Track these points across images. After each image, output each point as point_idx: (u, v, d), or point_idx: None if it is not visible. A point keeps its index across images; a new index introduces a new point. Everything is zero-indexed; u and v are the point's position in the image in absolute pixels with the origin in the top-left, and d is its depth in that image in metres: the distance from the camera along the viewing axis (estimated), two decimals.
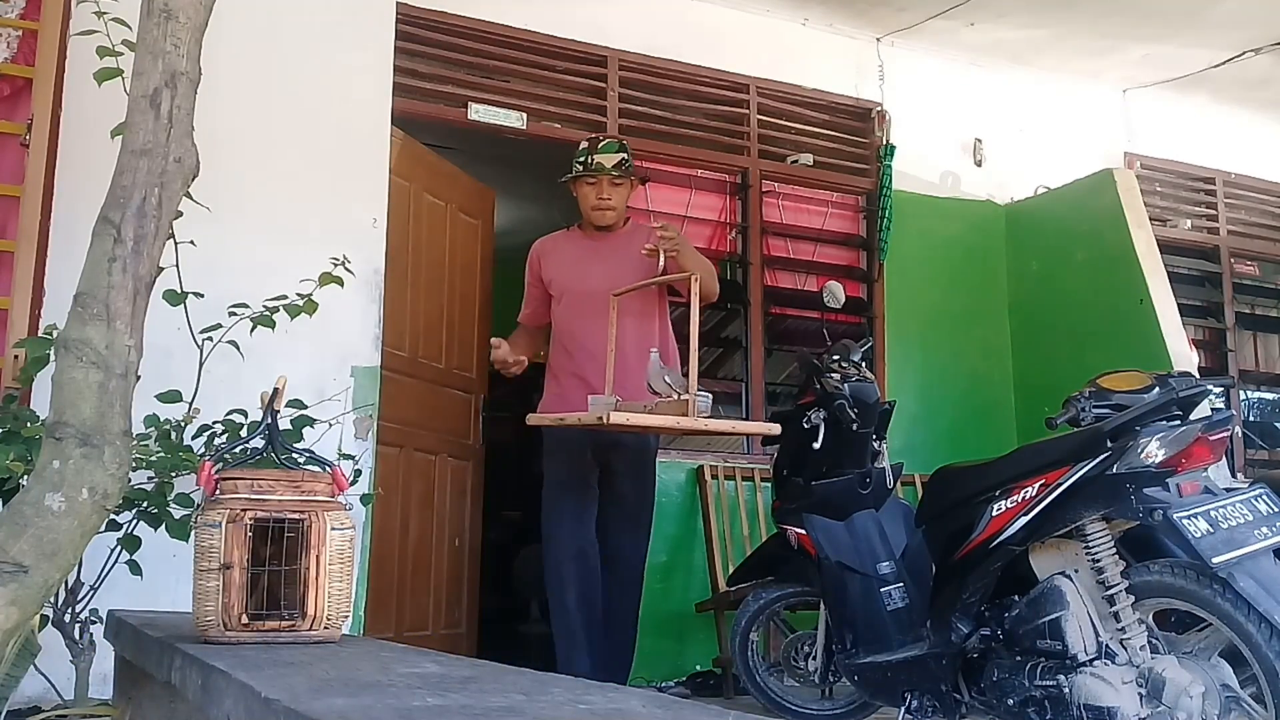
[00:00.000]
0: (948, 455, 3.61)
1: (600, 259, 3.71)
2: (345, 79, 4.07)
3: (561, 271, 3.79)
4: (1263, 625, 2.37)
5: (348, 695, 1.12)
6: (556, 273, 3.79)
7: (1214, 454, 2.65)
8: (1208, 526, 2.47)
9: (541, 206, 5.99)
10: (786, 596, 3.48)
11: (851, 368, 3.33)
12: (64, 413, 1.66)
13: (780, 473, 3.44)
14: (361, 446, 3.83)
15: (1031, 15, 5.23)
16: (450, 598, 4.45)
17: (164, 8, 1.80)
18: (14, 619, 1.61)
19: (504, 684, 1.24)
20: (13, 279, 3.20)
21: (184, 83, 1.82)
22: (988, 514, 2.84)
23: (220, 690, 1.33)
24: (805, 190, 5.39)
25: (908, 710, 3.01)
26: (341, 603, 1.94)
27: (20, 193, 3.25)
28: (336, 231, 3.70)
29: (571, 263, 3.78)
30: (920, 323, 5.40)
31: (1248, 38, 5.38)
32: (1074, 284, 5.25)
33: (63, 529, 1.62)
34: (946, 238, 5.52)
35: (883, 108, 5.44)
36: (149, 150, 1.77)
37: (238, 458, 2.12)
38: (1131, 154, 5.99)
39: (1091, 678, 2.60)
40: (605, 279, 3.58)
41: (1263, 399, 6.26)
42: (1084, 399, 2.83)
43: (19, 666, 2.32)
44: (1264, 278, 6.36)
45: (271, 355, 3.06)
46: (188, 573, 1.92)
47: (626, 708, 1.08)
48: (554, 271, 3.80)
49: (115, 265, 1.72)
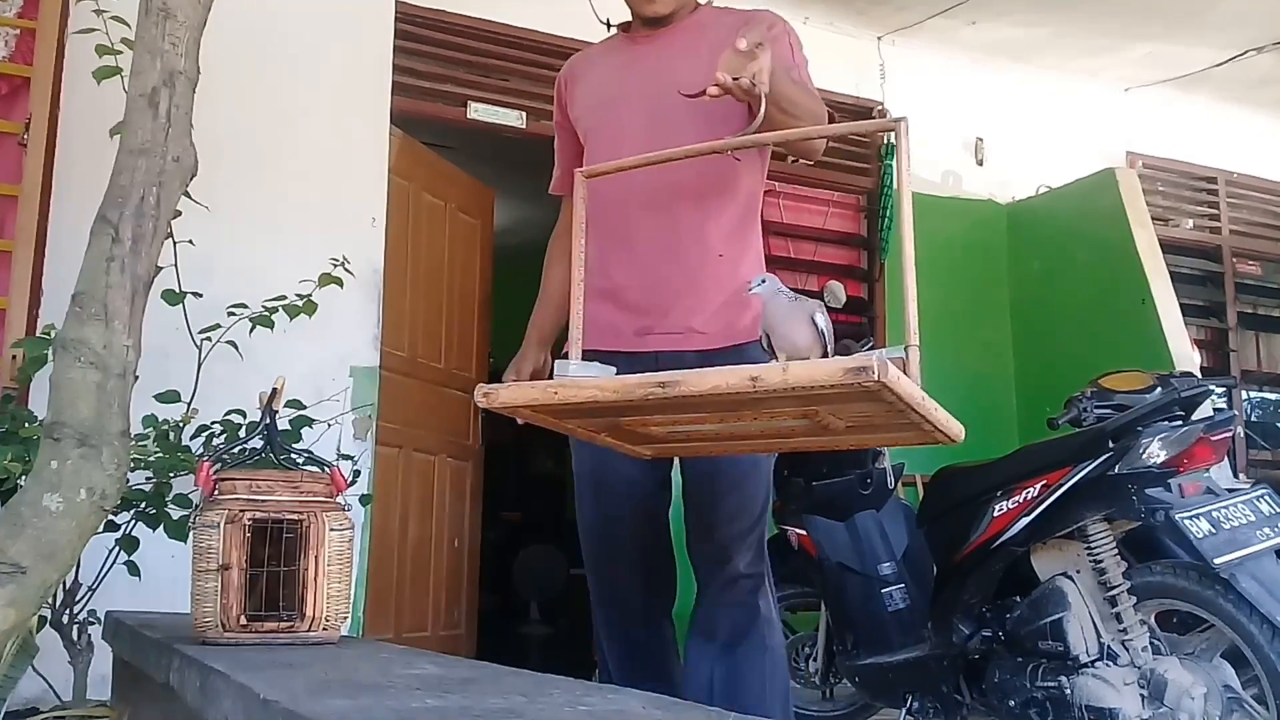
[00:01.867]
0: (949, 455, 3.59)
1: (647, 71, 2.19)
2: (345, 78, 4.07)
3: (590, 99, 2.27)
4: (1265, 626, 2.37)
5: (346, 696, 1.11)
6: (585, 104, 2.28)
7: (1216, 454, 2.65)
8: (1210, 527, 2.46)
9: (542, 206, 5.98)
10: (787, 597, 3.48)
11: None
12: (62, 413, 1.66)
13: (780, 473, 3.43)
14: (360, 447, 3.82)
15: (1033, 14, 5.21)
16: (449, 599, 4.45)
17: (162, 6, 1.80)
18: (11, 620, 1.61)
19: (503, 685, 1.24)
20: (10, 278, 3.19)
21: (182, 82, 1.81)
22: (989, 515, 2.84)
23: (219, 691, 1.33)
24: (806, 190, 5.37)
25: (909, 712, 3.01)
26: (340, 604, 1.94)
27: (18, 192, 3.24)
28: (335, 231, 3.69)
29: (604, 83, 2.26)
30: (921, 322, 5.37)
31: (1250, 37, 5.37)
32: (1076, 283, 5.24)
33: (60, 530, 1.61)
34: (947, 237, 5.50)
35: (883, 107, 5.42)
36: (147, 149, 1.76)
37: (236, 458, 2.11)
38: (1133, 153, 5.98)
39: (1093, 679, 2.59)
40: (651, 102, 2.13)
41: (1265, 399, 6.25)
42: (1086, 399, 2.82)
43: (17, 668, 2.31)
44: (1266, 277, 6.34)
45: (270, 355, 3.06)
46: (186, 574, 1.91)
47: (626, 708, 1.07)
48: (583, 103, 2.28)
49: (113, 265, 1.71)
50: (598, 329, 2.03)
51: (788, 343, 1.62)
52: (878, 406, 1.47)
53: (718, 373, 1.40)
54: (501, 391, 1.50)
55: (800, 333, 1.63)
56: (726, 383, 1.39)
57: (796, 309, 1.64)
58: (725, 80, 1.70)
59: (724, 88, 1.71)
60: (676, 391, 1.40)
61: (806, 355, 1.60)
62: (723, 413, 1.55)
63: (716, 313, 2.10)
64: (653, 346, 2.09)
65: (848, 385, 1.33)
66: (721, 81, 1.70)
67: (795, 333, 1.63)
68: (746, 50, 1.72)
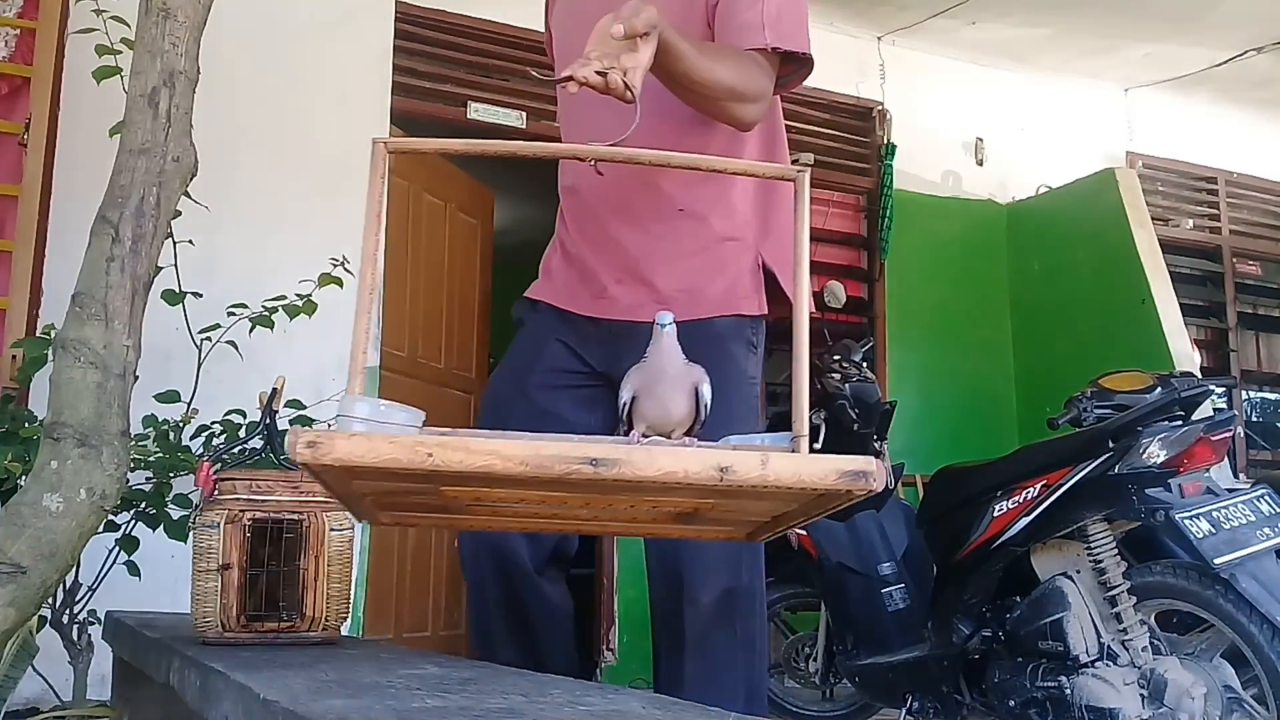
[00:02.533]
0: (949, 456, 3.60)
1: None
2: (345, 78, 4.07)
3: (562, 19, 2.02)
4: (1265, 626, 2.37)
5: (347, 696, 1.11)
6: (558, 24, 2.05)
7: (1216, 454, 2.64)
8: (1210, 527, 2.46)
9: (541, 206, 5.98)
10: (787, 597, 3.47)
11: (852, 368, 3.32)
12: (62, 413, 1.66)
13: None
14: None
15: (1033, 14, 5.21)
16: (449, 599, 4.45)
17: (162, 6, 1.80)
18: (12, 620, 1.61)
19: (503, 685, 1.24)
20: (10, 278, 3.19)
21: (182, 82, 1.81)
22: (989, 515, 2.84)
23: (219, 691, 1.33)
24: None
25: (909, 712, 3.00)
26: (340, 604, 1.93)
27: (18, 192, 3.25)
28: (335, 231, 3.69)
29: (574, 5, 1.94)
30: (921, 323, 5.38)
31: (1249, 37, 5.37)
32: (1076, 284, 5.24)
33: (61, 530, 1.61)
34: (948, 237, 5.51)
35: (884, 107, 5.43)
36: (147, 149, 1.76)
37: (236, 458, 2.11)
38: (1133, 153, 5.98)
39: (1093, 679, 2.59)
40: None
41: (1265, 399, 6.25)
42: (1086, 399, 2.82)
43: (17, 668, 2.31)
44: (1266, 277, 6.35)
45: (270, 355, 3.06)
46: (186, 573, 1.91)
47: (626, 709, 1.07)
48: (557, 22, 2.06)
49: (113, 265, 1.72)
50: (559, 287, 1.89)
51: (657, 409, 1.31)
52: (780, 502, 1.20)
53: (673, 455, 1.05)
54: (338, 443, 1.06)
55: (677, 403, 1.31)
56: (686, 471, 1.04)
57: (684, 373, 1.32)
58: (584, 76, 1.35)
59: (582, 83, 1.35)
60: (611, 475, 1.03)
61: (669, 431, 1.30)
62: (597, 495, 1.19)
63: (678, 276, 1.79)
64: (606, 313, 1.83)
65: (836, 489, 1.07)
66: (579, 76, 1.35)
67: (672, 400, 1.31)
68: (622, 37, 1.37)
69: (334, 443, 1.05)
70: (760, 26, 1.68)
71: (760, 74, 1.66)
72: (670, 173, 1.77)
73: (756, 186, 1.84)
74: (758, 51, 1.66)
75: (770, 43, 1.66)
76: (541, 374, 1.85)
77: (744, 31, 1.68)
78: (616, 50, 1.37)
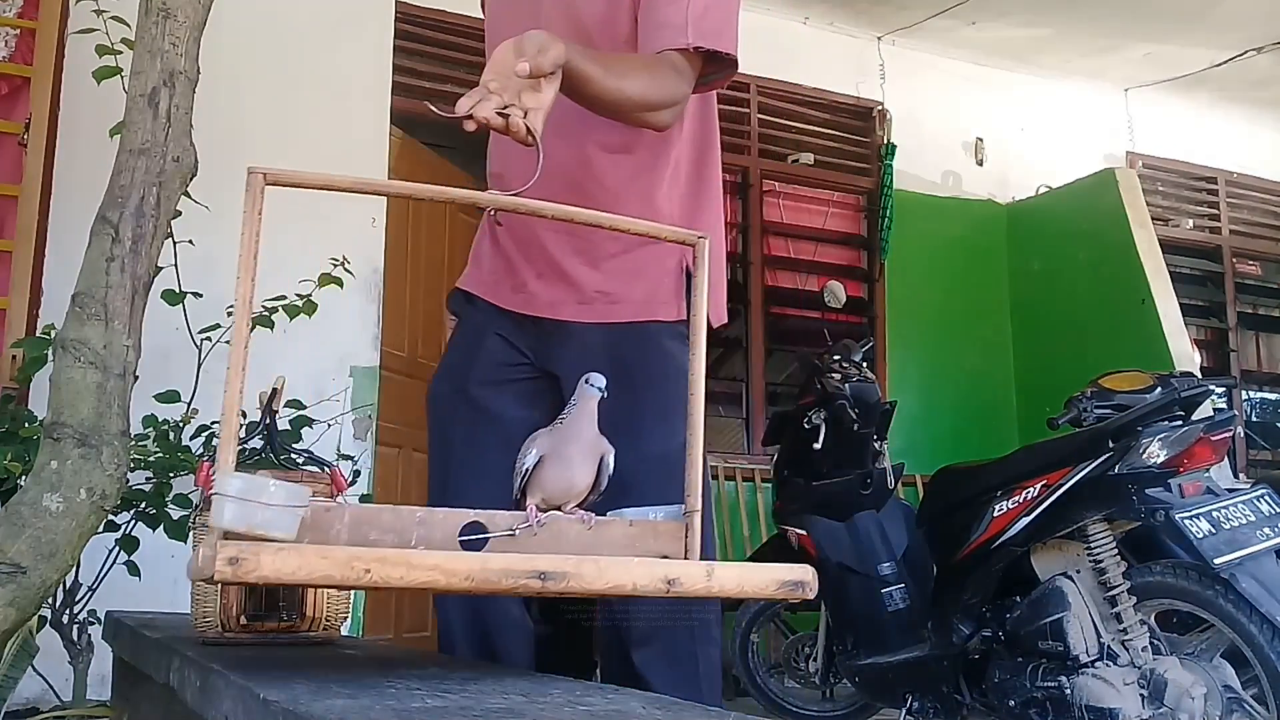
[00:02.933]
0: (949, 456, 3.60)
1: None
2: (345, 79, 4.07)
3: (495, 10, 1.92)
4: (1265, 626, 2.37)
5: (346, 696, 1.11)
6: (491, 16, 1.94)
7: (1216, 454, 2.65)
8: (1210, 527, 2.46)
9: None
10: None
11: (852, 368, 3.32)
12: (62, 413, 1.66)
13: (781, 473, 3.43)
14: (360, 447, 3.82)
15: (1033, 14, 5.22)
16: None
17: (163, 6, 1.80)
18: (12, 620, 1.61)
19: (503, 685, 1.24)
20: (10, 278, 3.19)
21: (182, 82, 1.81)
22: (989, 515, 2.84)
23: (219, 691, 1.33)
24: (806, 190, 5.38)
25: (909, 712, 3.01)
26: (340, 604, 1.93)
27: (18, 192, 3.25)
28: (336, 231, 3.69)
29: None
30: (921, 323, 5.39)
31: (1249, 37, 5.38)
32: (1076, 284, 5.25)
33: (61, 530, 1.61)
34: (948, 237, 5.51)
35: (884, 107, 5.43)
36: (147, 149, 1.76)
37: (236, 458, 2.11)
38: (1133, 153, 5.98)
39: (1093, 679, 2.59)
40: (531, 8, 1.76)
41: (1265, 399, 6.25)
42: (1086, 399, 2.82)
43: (17, 668, 2.31)
44: (1266, 277, 6.35)
45: (270, 355, 3.05)
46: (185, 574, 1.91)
47: (626, 708, 1.07)
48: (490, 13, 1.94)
49: (113, 265, 1.71)
50: (486, 277, 1.87)
51: (562, 481, 1.28)
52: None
53: (622, 568, 1.05)
54: (264, 560, 0.98)
55: (583, 474, 1.28)
56: (634, 584, 1.05)
57: (595, 443, 1.29)
58: (485, 116, 1.29)
59: (482, 124, 1.30)
60: (558, 588, 1.03)
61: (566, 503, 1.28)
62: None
63: (598, 277, 1.72)
64: (525, 309, 1.79)
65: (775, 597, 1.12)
66: (479, 116, 1.29)
67: (579, 471, 1.28)
68: (527, 75, 1.31)
69: (259, 559, 0.98)
70: (683, 25, 1.61)
71: (674, 80, 1.60)
72: (595, 175, 1.72)
73: (685, 186, 1.79)
74: (678, 51, 1.61)
75: (692, 42, 1.61)
76: (481, 370, 1.82)
77: (665, 30, 1.63)
78: (518, 86, 1.32)
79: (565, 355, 1.72)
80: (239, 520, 1.09)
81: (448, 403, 1.86)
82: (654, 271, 1.72)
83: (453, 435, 1.83)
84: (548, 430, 1.32)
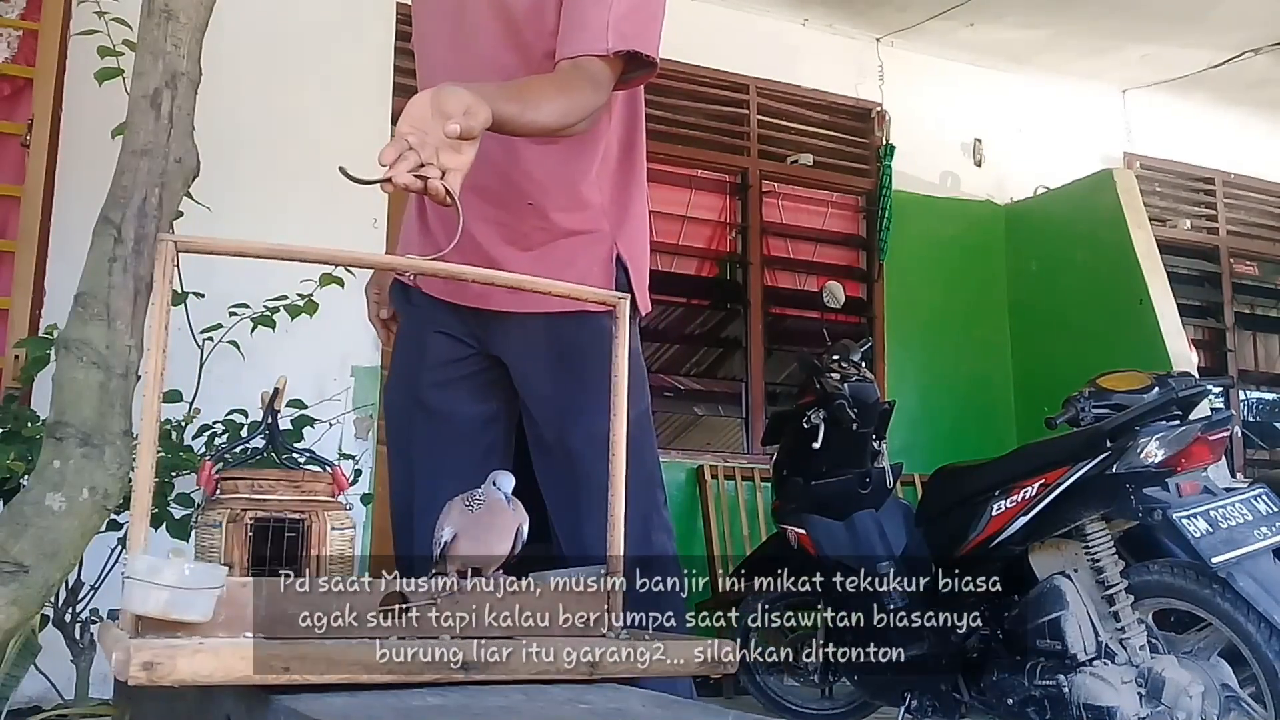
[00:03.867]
0: (947, 455, 3.61)
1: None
2: (346, 79, 4.07)
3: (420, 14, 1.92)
4: (1262, 625, 2.37)
5: (347, 694, 1.12)
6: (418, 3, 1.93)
7: (1213, 454, 2.66)
8: (1207, 526, 2.47)
9: None
10: (787, 596, 3.48)
11: (851, 368, 3.33)
12: (64, 413, 1.66)
13: (780, 473, 3.44)
14: (362, 446, 3.83)
15: (1031, 15, 5.22)
16: None
17: (164, 8, 1.80)
18: (15, 619, 1.61)
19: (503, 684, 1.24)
20: (13, 279, 3.20)
21: (184, 83, 1.81)
22: (987, 514, 2.85)
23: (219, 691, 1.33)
24: (805, 190, 5.39)
25: (908, 710, 3.02)
26: None
27: (21, 193, 3.25)
28: (336, 232, 3.70)
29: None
30: (920, 323, 5.39)
31: (1247, 38, 5.38)
32: (1074, 284, 5.25)
33: (63, 529, 1.62)
34: (946, 238, 5.52)
35: (882, 108, 5.43)
36: (149, 150, 1.77)
37: (238, 458, 2.11)
38: (1131, 154, 5.99)
39: (1091, 677, 2.60)
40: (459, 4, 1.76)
41: (1262, 399, 6.26)
42: (1083, 399, 2.83)
43: (19, 666, 2.32)
44: (1263, 278, 6.36)
45: (272, 355, 3.06)
46: None
47: (626, 707, 1.08)
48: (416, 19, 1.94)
49: (116, 265, 1.72)
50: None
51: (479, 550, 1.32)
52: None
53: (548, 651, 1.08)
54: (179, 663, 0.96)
55: (500, 546, 1.33)
56: (559, 669, 1.08)
57: (509, 520, 1.34)
58: (403, 182, 1.29)
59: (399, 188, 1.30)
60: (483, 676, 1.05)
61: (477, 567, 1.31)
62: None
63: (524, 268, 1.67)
64: (455, 298, 1.78)
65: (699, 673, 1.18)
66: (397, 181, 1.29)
67: (495, 546, 1.33)
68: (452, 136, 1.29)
69: (174, 663, 0.96)
70: (603, 28, 1.60)
71: (590, 92, 1.59)
72: (522, 166, 1.72)
73: (614, 173, 1.78)
74: (596, 57, 1.60)
75: (611, 47, 1.60)
76: (430, 373, 1.83)
77: (585, 33, 1.61)
78: (436, 142, 1.30)
79: (508, 342, 1.75)
80: (150, 604, 1.06)
81: (404, 413, 1.87)
82: (584, 261, 1.72)
83: (413, 445, 1.84)
84: (461, 510, 1.35)
